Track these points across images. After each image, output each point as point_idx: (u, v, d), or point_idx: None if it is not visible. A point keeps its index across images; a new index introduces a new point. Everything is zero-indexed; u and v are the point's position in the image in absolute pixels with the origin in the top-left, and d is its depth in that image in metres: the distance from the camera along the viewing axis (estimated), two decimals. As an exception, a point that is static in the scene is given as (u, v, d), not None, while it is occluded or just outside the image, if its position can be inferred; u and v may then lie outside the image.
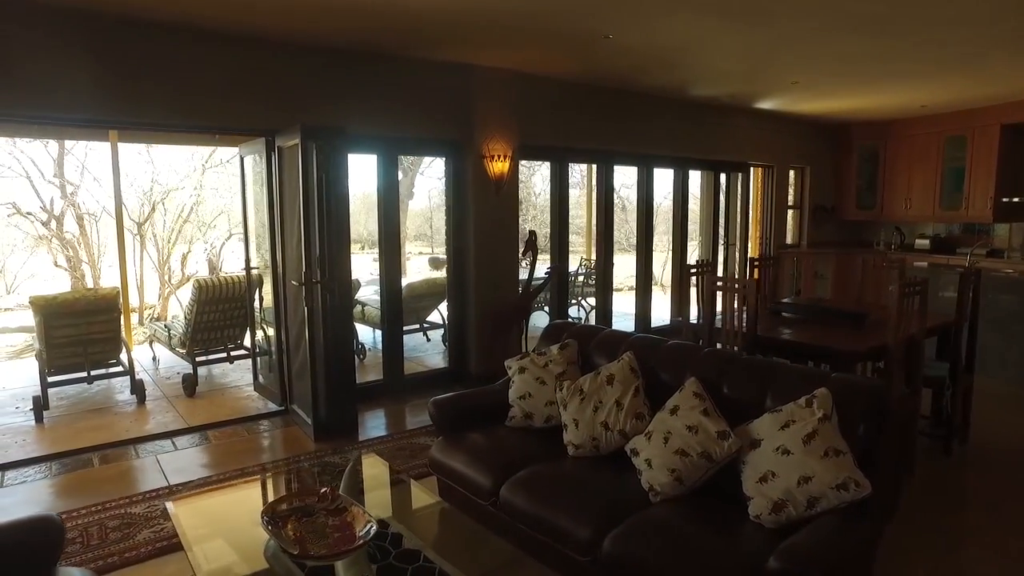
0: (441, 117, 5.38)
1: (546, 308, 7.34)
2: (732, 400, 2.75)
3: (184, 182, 9.88)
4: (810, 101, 7.08)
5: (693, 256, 8.28)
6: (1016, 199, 7.21)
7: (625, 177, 10.82)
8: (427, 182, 15.97)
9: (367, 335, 7.10)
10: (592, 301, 8.39)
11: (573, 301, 8.54)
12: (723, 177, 7.93)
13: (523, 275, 6.10)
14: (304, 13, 3.97)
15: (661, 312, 7.82)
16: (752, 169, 8.23)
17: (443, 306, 7.16)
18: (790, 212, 8.85)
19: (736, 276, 3.88)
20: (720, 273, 8.09)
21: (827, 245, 8.98)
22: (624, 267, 8.77)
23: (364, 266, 11.88)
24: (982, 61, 5.20)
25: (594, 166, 6.76)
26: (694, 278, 4.28)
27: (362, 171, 11.60)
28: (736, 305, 3.91)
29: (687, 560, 2.19)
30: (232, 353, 5.94)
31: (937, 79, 5.88)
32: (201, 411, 5.07)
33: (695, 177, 7.85)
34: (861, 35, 4.38)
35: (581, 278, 8.74)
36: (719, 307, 4.05)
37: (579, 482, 2.79)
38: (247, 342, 6.08)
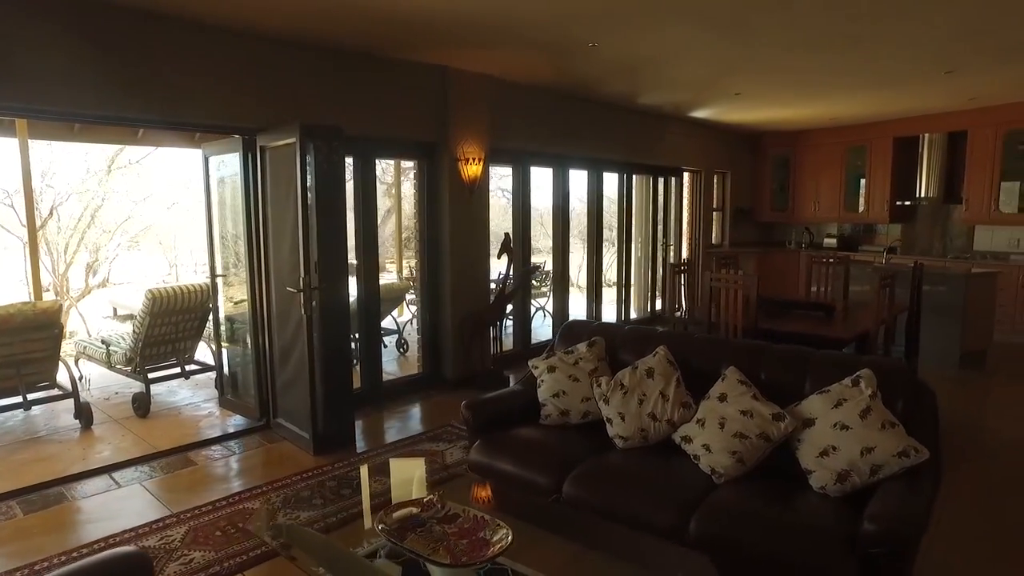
0: (418, 119, 5.32)
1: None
2: (771, 385, 2.96)
3: (85, 184, 8.95)
4: (740, 111, 7.68)
5: (634, 256, 8.65)
6: (908, 202, 8.23)
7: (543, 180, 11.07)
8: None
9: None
10: (539, 302, 8.56)
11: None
12: (661, 181, 8.39)
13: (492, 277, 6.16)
14: (285, 9, 3.80)
15: (609, 310, 8.13)
16: (685, 174, 8.78)
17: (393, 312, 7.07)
18: (715, 214, 9.52)
19: (740, 273, 4.16)
20: (658, 272, 8.56)
21: (745, 244, 9.75)
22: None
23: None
24: (904, 80, 5.92)
25: (550, 170, 6.92)
26: (680, 276, 4.56)
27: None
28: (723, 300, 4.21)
29: (778, 535, 2.37)
30: (187, 368, 5.50)
31: (859, 94, 6.59)
32: (164, 433, 4.67)
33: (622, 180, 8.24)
34: (822, 52, 4.85)
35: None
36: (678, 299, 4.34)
37: (639, 471, 2.91)
38: (198, 356, 5.69)
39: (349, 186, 5.19)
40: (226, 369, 5.14)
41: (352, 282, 5.27)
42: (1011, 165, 7.36)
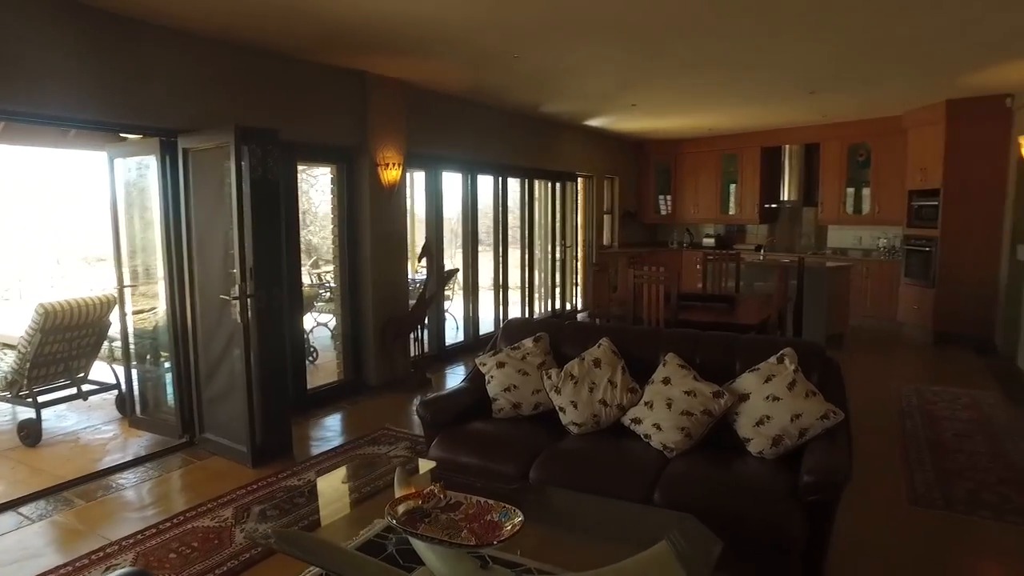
0: (338, 124, 5.28)
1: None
2: (706, 367, 3.32)
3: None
4: (631, 121, 8.28)
5: (536, 258, 8.99)
6: (774, 205, 9.28)
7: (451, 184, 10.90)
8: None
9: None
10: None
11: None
12: (558, 186, 8.82)
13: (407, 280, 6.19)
14: (200, 5, 3.69)
15: (514, 311, 8.40)
16: (579, 179, 9.28)
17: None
18: (605, 216, 10.12)
19: (661, 270, 4.54)
20: (558, 273, 8.98)
21: (633, 245, 10.45)
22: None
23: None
24: (776, 97, 6.72)
25: (459, 175, 7.07)
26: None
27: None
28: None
29: (731, 495, 2.70)
30: (84, 388, 5.03)
31: (736, 108, 7.38)
32: (65, 461, 4.26)
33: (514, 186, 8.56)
34: (712, 70, 5.42)
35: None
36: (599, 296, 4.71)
37: (599, 453, 3.14)
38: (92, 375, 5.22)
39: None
40: (136, 386, 4.78)
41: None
42: (853, 174, 8.57)
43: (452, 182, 7.07)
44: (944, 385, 5.77)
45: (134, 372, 4.85)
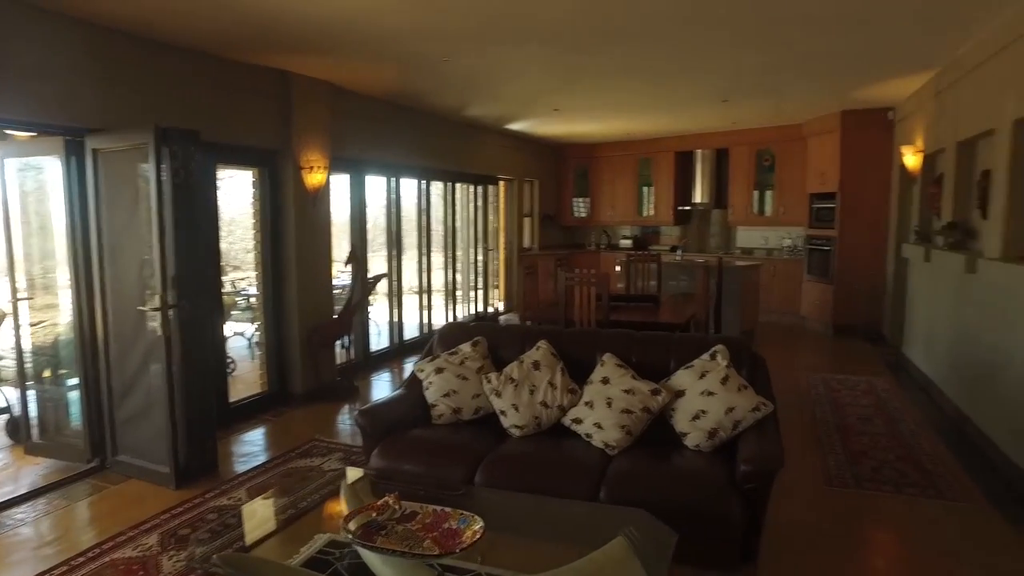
0: (260, 125, 5.07)
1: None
2: (641, 366, 3.44)
3: None
4: (552, 125, 8.43)
5: (459, 261, 8.97)
6: (687, 207, 9.71)
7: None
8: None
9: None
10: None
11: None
12: (480, 189, 8.84)
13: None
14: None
15: (437, 315, 8.34)
16: (500, 182, 9.34)
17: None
18: (525, 219, 10.24)
19: (592, 272, 4.64)
20: (480, 276, 9.00)
21: (552, 247, 10.64)
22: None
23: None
24: (691, 104, 7.03)
25: (383, 178, 6.95)
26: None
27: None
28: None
29: (674, 487, 2.82)
30: (-31, 413, 4.55)
31: (652, 113, 7.66)
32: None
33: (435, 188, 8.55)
34: (634, 77, 5.61)
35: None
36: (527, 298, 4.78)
37: (543, 454, 3.19)
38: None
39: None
40: (32, 409, 4.37)
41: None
42: (760, 178, 9.12)
43: (376, 186, 6.94)
44: (845, 374, 6.26)
45: (30, 393, 4.42)
